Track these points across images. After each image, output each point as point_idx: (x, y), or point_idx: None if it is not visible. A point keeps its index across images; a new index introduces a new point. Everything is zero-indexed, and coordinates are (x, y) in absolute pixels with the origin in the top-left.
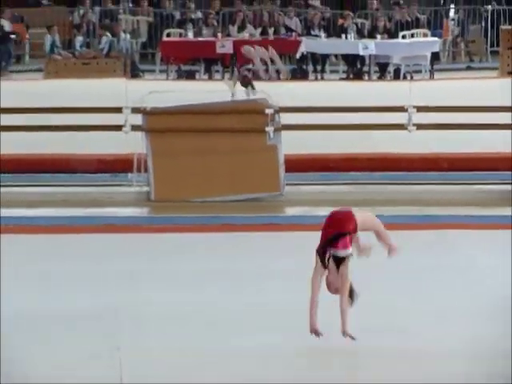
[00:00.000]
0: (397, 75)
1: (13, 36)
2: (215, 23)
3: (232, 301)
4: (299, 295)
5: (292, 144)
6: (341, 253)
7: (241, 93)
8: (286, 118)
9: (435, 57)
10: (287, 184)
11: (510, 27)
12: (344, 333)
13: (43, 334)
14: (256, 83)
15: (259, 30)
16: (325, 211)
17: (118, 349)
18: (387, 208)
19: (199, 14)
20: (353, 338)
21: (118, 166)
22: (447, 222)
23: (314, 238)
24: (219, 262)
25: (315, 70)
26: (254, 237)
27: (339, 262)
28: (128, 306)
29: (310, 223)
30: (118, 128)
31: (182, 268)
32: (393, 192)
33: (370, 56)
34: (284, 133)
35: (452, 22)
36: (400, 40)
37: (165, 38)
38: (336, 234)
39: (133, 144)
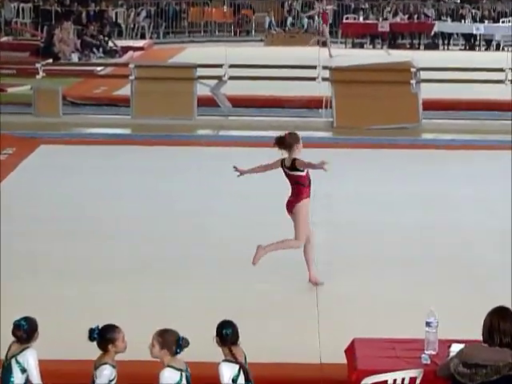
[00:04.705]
0: (497, 47)
1: None
2: (377, 11)
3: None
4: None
5: (428, 91)
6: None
7: (394, 57)
8: (424, 75)
9: None
10: (424, 118)
11: None
12: None
13: None
14: (403, 51)
15: (406, 16)
16: (450, 136)
17: None
18: (486, 135)
19: (366, 5)
20: None
21: (312, 104)
22: None
23: (443, 154)
24: (378, 167)
25: (443, 43)
26: (402, 152)
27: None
28: None
29: (440, 144)
30: (313, 79)
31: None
32: (491, 125)
33: (480, 34)
34: (423, 84)
35: None
36: (500, 24)
37: (345, 21)
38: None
39: (323, 90)
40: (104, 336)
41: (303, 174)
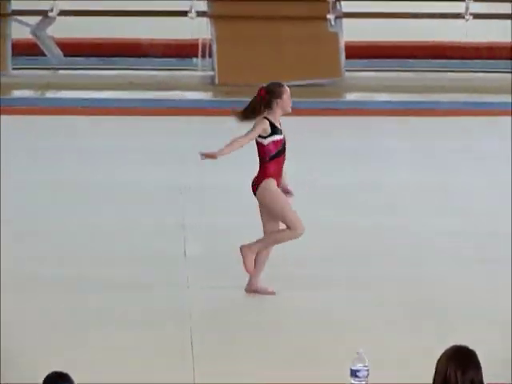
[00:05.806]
0: None
1: None
2: None
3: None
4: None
5: (354, 31)
6: None
7: None
8: (348, 6)
9: None
10: (347, 70)
11: None
12: None
13: None
14: None
15: None
16: (383, 97)
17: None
18: (441, 95)
19: None
20: None
21: (183, 51)
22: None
23: (376, 122)
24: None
25: None
26: (315, 120)
27: None
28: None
29: (371, 108)
30: (184, 14)
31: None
32: (446, 79)
33: None
34: (345, 20)
35: None
36: None
37: None
38: None
39: (198, 30)
40: None
41: (264, 142)
